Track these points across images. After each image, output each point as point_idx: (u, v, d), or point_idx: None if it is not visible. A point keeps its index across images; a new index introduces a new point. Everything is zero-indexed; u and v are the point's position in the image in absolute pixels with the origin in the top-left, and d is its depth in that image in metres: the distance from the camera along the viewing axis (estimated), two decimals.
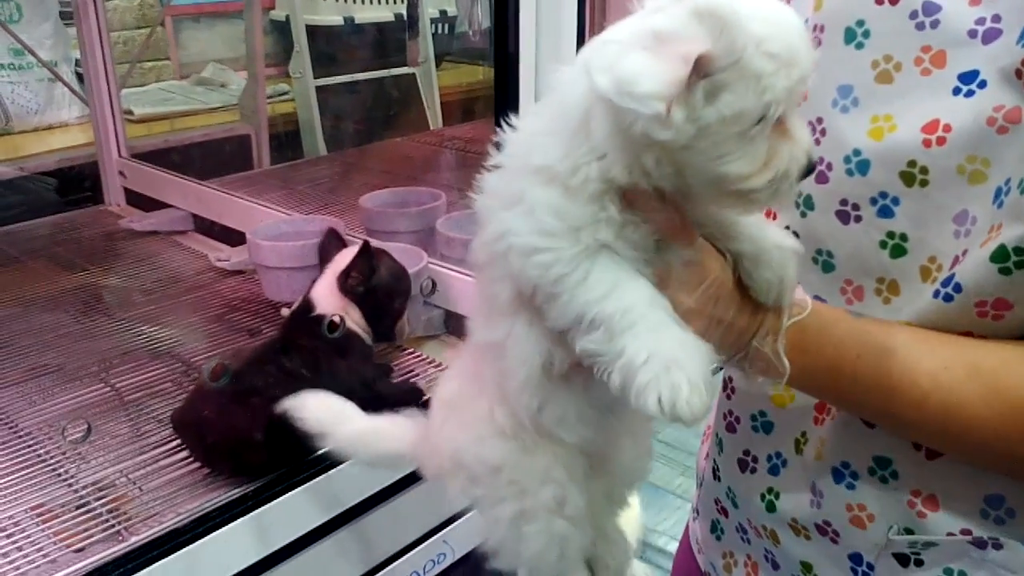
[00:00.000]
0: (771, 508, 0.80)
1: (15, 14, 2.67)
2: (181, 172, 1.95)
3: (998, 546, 0.67)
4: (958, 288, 0.63)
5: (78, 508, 0.97)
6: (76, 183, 2.26)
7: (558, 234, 0.59)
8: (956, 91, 0.63)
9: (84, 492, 1.00)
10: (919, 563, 0.71)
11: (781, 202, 0.61)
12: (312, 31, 3.04)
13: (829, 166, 0.70)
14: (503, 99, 1.20)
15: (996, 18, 0.62)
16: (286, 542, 1.01)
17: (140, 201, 2.02)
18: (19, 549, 0.91)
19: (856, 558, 0.74)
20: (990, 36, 0.63)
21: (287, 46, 3.11)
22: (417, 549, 1.18)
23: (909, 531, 0.71)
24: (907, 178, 0.66)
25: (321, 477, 1.03)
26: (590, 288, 0.59)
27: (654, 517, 2.43)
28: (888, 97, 0.67)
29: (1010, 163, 0.61)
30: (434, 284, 1.35)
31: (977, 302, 0.63)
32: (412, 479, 1.14)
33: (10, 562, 0.89)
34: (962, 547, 0.68)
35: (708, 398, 0.57)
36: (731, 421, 0.85)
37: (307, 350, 1.07)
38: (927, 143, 0.64)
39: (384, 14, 3.26)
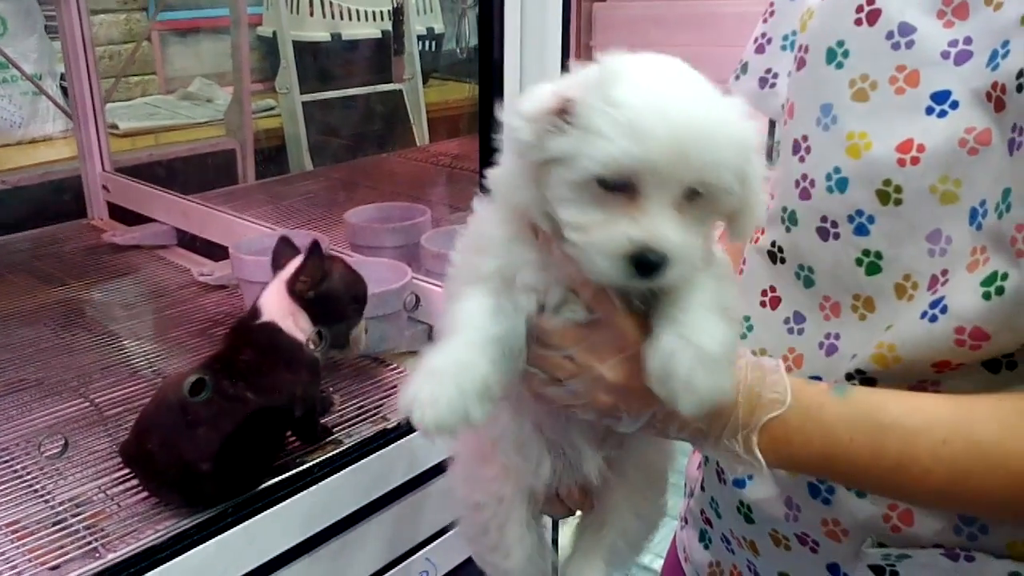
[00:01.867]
0: (748, 520, 0.81)
1: (0, 28, 2.67)
2: (166, 187, 1.94)
3: (970, 558, 0.68)
4: (944, 310, 0.63)
5: (54, 525, 0.96)
6: (59, 197, 2.24)
7: (468, 251, 0.69)
8: (929, 111, 0.65)
9: (61, 508, 0.98)
10: (894, 574, 0.72)
11: (603, 276, 0.60)
12: (299, 47, 3.04)
13: (812, 183, 0.72)
14: (488, 115, 1.20)
15: (968, 40, 0.64)
16: (266, 559, 1.00)
17: (123, 215, 2.01)
18: None
19: (834, 568, 0.75)
20: (962, 58, 0.64)
21: (274, 62, 3.11)
22: (400, 566, 1.17)
23: (882, 544, 0.71)
24: (882, 196, 0.67)
25: (303, 493, 1.02)
26: (456, 301, 0.66)
27: None
28: (863, 115, 0.69)
29: (982, 184, 0.62)
30: (418, 299, 1.35)
31: (956, 328, 0.63)
32: (396, 494, 1.13)
33: None
34: (934, 559, 0.69)
35: (453, 418, 0.62)
36: None
37: (249, 367, 1.01)
38: (902, 162, 0.65)
39: (371, 31, 3.26)
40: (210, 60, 3.37)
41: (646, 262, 0.58)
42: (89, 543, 0.93)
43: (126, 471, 1.03)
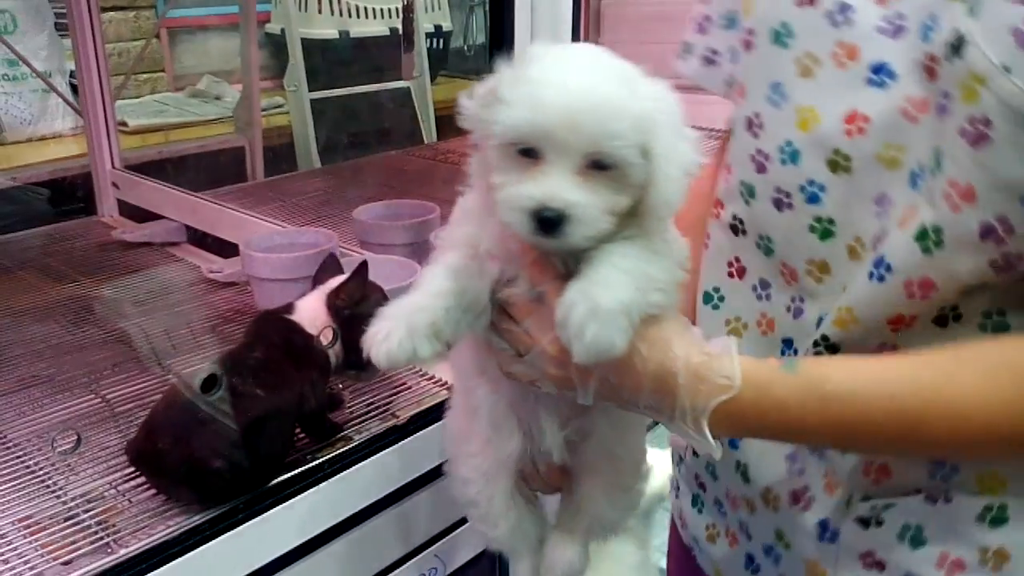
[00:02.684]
0: (745, 479, 0.85)
1: (10, 25, 2.68)
2: (175, 184, 1.95)
3: (948, 499, 0.72)
4: (889, 268, 0.67)
5: (66, 520, 0.96)
6: (69, 194, 2.25)
7: (453, 222, 0.78)
8: (870, 82, 0.68)
9: (73, 504, 0.98)
10: (879, 523, 0.76)
11: (516, 231, 0.67)
12: (307, 45, 3.04)
13: (767, 157, 0.77)
14: None
15: (900, 16, 0.68)
16: (276, 555, 1.00)
17: (133, 212, 2.02)
18: (5, 562, 0.90)
19: (823, 524, 0.79)
20: (897, 32, 0.68)
21: (282, 59, 3.12)
22: (409, 563, 1.17)
23: (867, 497, 0.76)
24: (832, 165, 0.71)
25: (313, 489, 1.02)
26: (431, 263, 0.76)
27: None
28: (810, 90, 0.72)
29: (921, 149, 0.66)
30: None
31: (905, 282, 0.67)
32: (405, 491, 1.13)
33: None
34: (917, 504, 0.74)
35: (401, 354, 0.70)
36: None
37: (260, 363, 1.01)
38: (849, 133, 0.69)
39: (379, 28, 3.27)
40: (219, 58, 3.38)
41: (545, 218, 0.65)
42: (101, 538, 0.93)
43: None
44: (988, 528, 0.72)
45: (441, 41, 3.64)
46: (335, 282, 1.13)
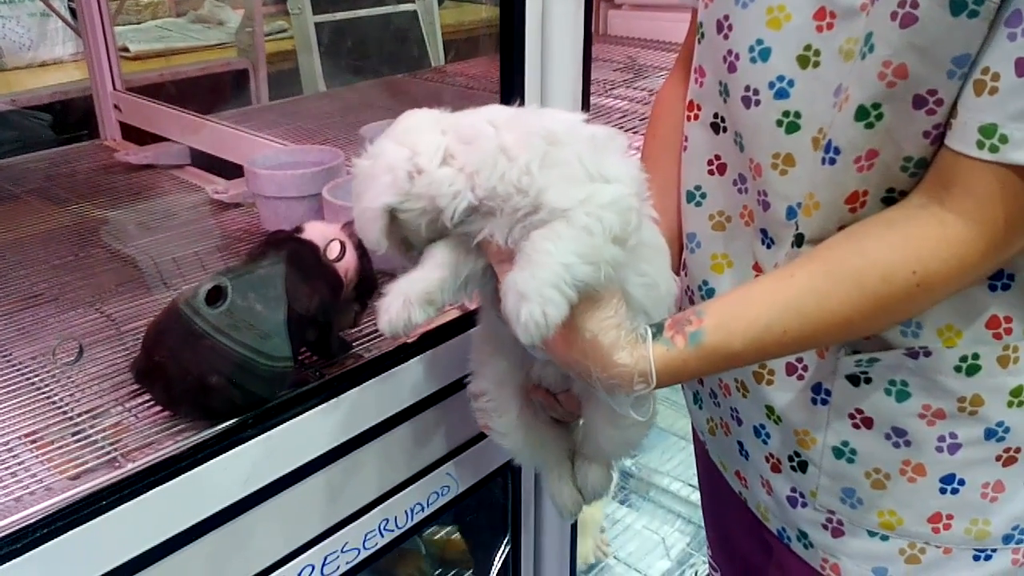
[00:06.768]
0: None
1: None
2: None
3: (928, 354, 0.79)
4: (837, 151, 0.74)
5: (73, 436, 0.95)
6: (71, 118, 2.21)
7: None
8: None
9: (79, 420, 0.97)
10: (867, 380, 0.82)
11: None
12: None
13: (737, 57, 0.82)
14: (509, 37, 1.15)
15: None
16: (284, 472, 0.99)
17: (136, 135, 1.98)
18: (13, 475, 0.89)
19: (817, 387, 0.86)
20: None
21: None
22: (420, 481, 1.16)
23: (855, 351, 0.82)
24: (802, 61, 0.77)
25: (320, 407, 1.01)
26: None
27: (657, 458, 2.43)
28: None
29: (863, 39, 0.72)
30: None
31: (855, 159, 0.74)
32: (416, 409, 1.12)
33: (3, 487, 0.87)
34: (899, 359, 0.80)
35: (399, 322, 0.79)
36: (688, 297, 0.99)
37: (266, 279, 0.98)
38: (819, 28, 0.75)
39: None
40: None
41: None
42: (108, 453, 0.92)
43: None
44: (965, 377, 0.79)
45: None
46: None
